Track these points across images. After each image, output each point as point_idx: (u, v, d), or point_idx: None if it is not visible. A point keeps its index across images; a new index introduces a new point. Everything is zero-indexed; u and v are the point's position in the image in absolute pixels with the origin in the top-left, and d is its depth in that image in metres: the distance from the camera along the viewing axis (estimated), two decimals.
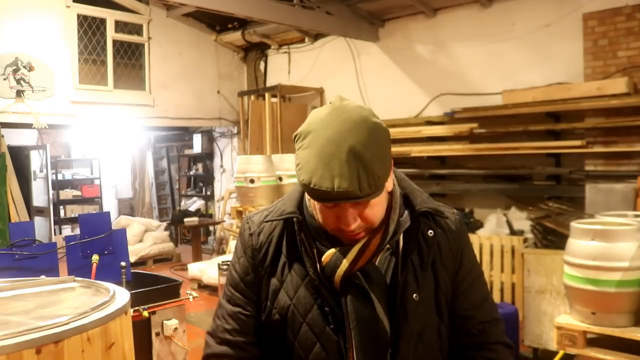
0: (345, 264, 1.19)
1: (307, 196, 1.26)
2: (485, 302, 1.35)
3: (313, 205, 1.23)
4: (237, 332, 1.32)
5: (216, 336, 1.35)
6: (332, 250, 1.21)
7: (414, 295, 1.23)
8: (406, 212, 1.27)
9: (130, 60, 7.82)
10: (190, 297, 3.13)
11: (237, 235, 1.40)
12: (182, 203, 11.41)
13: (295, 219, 1.25)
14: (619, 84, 5.03)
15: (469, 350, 1.32)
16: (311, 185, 1.09)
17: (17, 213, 6.25)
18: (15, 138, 9.15)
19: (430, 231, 1.27)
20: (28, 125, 6.71)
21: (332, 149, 1.09)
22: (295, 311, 1.25)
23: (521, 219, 5.48)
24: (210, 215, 10.24)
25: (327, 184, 1.08)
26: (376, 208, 1.18)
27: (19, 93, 6.33)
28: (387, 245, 1.24)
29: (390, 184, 1.22)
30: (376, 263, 1.24)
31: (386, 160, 1.13)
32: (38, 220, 9.18)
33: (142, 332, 2.86)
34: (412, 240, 1.25)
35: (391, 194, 1.25)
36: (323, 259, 1.22)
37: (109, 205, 11.41)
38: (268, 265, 1.30)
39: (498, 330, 1.34)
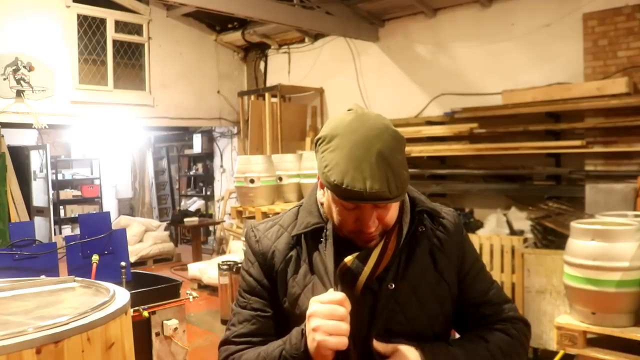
0: (366, 271, 1.24)
1: (320, 201, 1.32)
2: (492, 287, 1.40)
3: (328, 208, 1.27)
4: (256, 334, 1.32)
5: (232, 341, 1.34)
6: (350, 257, 1.25)
7: (390, 285, 1.26)
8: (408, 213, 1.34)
9: (130, 60, 7.82)
10: (190, 297, 3.13)
11: (244, 242, 1.44)
12: (182, 203, 11.41)
13: (325, 230, 1.28)
14: (619, 84, 5.03)
15: (486, 326, 1.35)
16: (343, 186, 1.13)
17: (17, 213, 6.25)
18: (15, 138, 9.14)
19: (421, 227, 1.32)
20: (28, 125, 6.71)
21: (361, 153, 1.13)
22: None
23: (521, 219, 5.47)
24: (210, 215, 10.24)
25: (359, 185, 1.12)
26: (393, 211, 1.24)
27: (19, 93, 6.33)
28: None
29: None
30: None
31: (407, 165, 1.20)
32: (38, 220, 9.18)
33: (142, 332, 2.87)
34: (406, 237, 1.31)
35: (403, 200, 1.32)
36: (341, 265, 1.25)
37: (109, 205, 11.41)
38: (278, 271, 1.33)
39: (511, 308, 1.39)
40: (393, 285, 1.26)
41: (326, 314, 1.12)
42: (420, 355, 1.21)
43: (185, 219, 8.98)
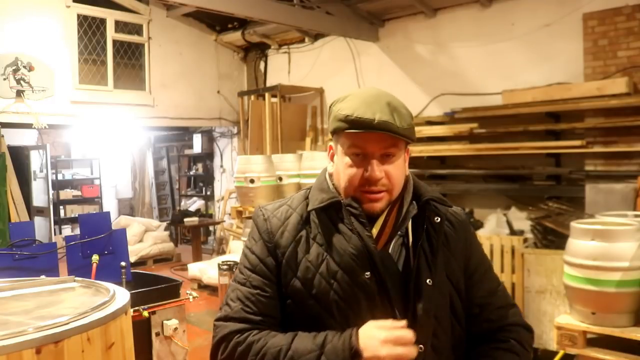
0: (374, 231, 1.29)
1: (329, 172, 1.37)
2: (499, 289, 1.42)
3: (337, 172, 1.33)
4: (256, 313, 1.30)
5: (232, 318, 1.31)
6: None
7: (428, 280, 1.28)
8: (414, 201, 1.36)
9: (130, 60, 7.82)
10: (190, 297, 3.13)
11: (252, 221, 1.43)
12: (182, 203, 11.41)
13: (343, 202, 1.30)
14: (619, 84, 5.03)
15: (490, 334, 1.36)
16: (354, 116, 1.22)
17: (17, 213, 6.24)
18: (15, 138, 9.14)
19: (436, 217, 1.34)
20: (28, 125, 6.71)
21: (372, 99, 1.26)
22: (335, 294, 1.26)
23: (521, 219, 5.47)
24: (210, 215, 10.24)
25: (369, 114, 1.22)
26: (398, 169, 1.31)
27: (19, 93, 6.33)
28: (399, 233, 1.32)
29: (406, 166, 1.37)
30: (389, 251, 1.31)
31: (413, 120, 1.31)
32: (38, 220, 9.18)
33: (142, 332, 2.87)
34: (419, 227, 1.33)
35: (407, 177, 1.38)
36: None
37: (109, 205, 11.41)
38: (287, 249, 1.32)
39: (515, 314, 1.41)
40: (431, 282, 1.28)
41: (394, 341, 1.15)
42: None
43: (185, 219, 8.98)
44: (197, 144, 10.35)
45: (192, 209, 10.54)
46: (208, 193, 10.62)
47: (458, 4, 6.44)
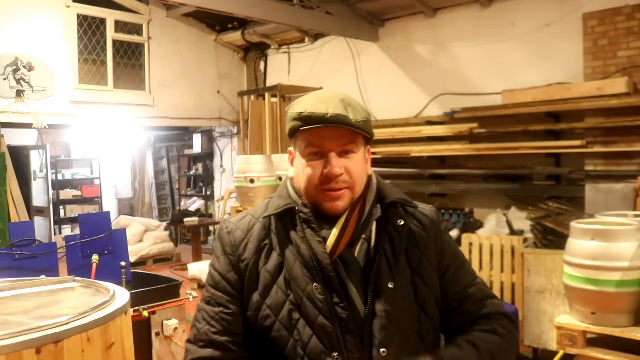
0: (335, 232, 1.26)
1: (290, 178, 1.35)
2: (475, 283, 1.38)
3: (297, 173, 1.30)
4: (221, 333, 1.27)
5: (199, 340, 1.29)
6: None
7: (390, 284, 1.25)
8: (378, 204, 1.33)
9: (130, 60, 7.82)
10: (190, 297, 3.13)
11: (217, 236, 1.41)
12: (182, 203, 11.41)
13: (297, 209, 1.29)
14: (619, 84, 5.03)
15: (470, 323, 1.33)
16: (307, 113, 1.21)
17: (17, 213, 6.25)
18: (15, 138, 9.14)
19: (400, 220, 1.31)
20: (28, 125, 6.71)
21: (325, 97, 1.25)
22: (297, 306, 1.24)
23: (521, 219, 5.47)
24: (210, 215, 10.24)
25: (322, 110, 1.21)
26: (357, 165, 1.27)
27: (19, 93, 6.33)
28: (364, 236, 1.30)
29: (369, 165, 1.33)
30: (355, 254, 1.29)
31: (369, 115, 1.29)
32: (38, 220, 9.18)
33: (142, 332, 2.87)
34: (382, 230, 1.30)
35: (370, 177, 1.34)
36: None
37: (109, 205, 11.40)
38: (250, 261, 1.29)
39: (496, 304, 1.37)
40: (393, 285, 1.26)
41: None
42: None
43: (185, 219, 8.97)
44: (197, 144, 10.35)
45: (192, 209, 10.54)
46: (208, 193, 10.62)
47: (458, 4, 6.44)
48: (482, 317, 1.33)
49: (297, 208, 1.28)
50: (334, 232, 1.26)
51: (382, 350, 1.21)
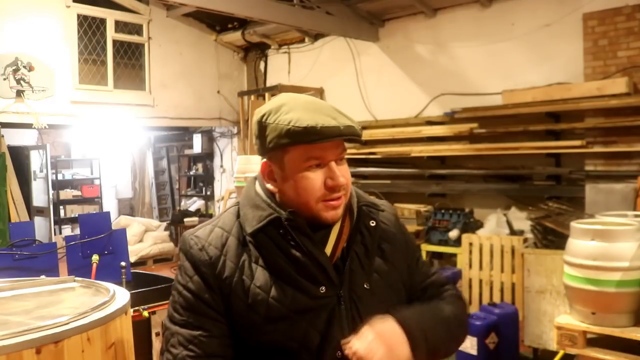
0: (332, 238, 1.26)
1: (270, 191, 1.28)
2: (434, 271, 1.48)
3: (292, 186, 1.22)
4: (201, 356, 1.19)
5: None
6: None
7: (365, 284, 1.27)
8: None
9: (130, 60, 7.82)
10: None
11: (182, 252, 1.28)
12: (182, 203, 11.41)
13: (285, 218, 1.22)
14: (619, 84, 5.03)
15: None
16: (319, 126, 1.14)
17: (17, 213, 6.24)
18: (15, 138, 9.14)
19: (371, 221, 1.32)
20: (28, 125, 6.71)
21: (317, 106, 1.20)
22: (294, 314, 1.21)
23: (521, 219, 5.47)
24: (210, 215, 10.23)
25: (333, 122, 1.16)
26: (348, 170, 1.26)
27: (19, 93, 6.33)
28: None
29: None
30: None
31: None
32: (38, 220, 9.17)
33: (142, 332, 2.86)
34: (354, 231, 1.30)
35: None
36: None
37: (109, 205, 11.40)
38: (232, 279, 1.22)
39: (452, 288, 1.47)
40: (368, 285, 1.27)
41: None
42: (392, 318, 1.22)
43: (185, 219, 8.98)
44: (197, 144, 10.35)
45: (192, 209, 10.55)
46: (208, 193, 10.62)
47: (458, 4, 6.44)
48: (442, 299, 1.42)
49: (282, 217, 1.22)
50: (331, 238, 1.26)
51: None
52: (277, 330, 1.21)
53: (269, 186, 1.28)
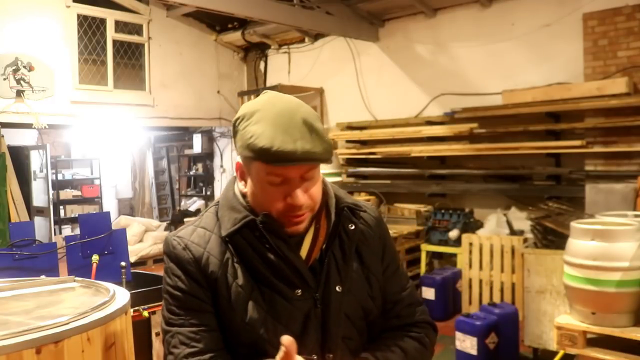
0: (307, 241, 1.25)
1: (242, 192, 1.27)
2: (409, 285, 1.42)
3: (253, 193, 1.22)
4: (204, 351, 1.20)
5: None
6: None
7: (337, 287, 1.26)
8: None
9: (130, 60, 7.82)
10: None
11: (166, 254, 1.28)
12: (182, 203, 11.41)
13: (260, 221, 1.21)
14: (619, 84, 5.03)
15: (400, 328, 1.37)
16: (274, 149, 1.11)
17: (17, 213, 6.24)
18: (15, 138, 9.14)
19: (350, 225, 1.30)
20: (28, 125, 6.71)
21: (286, 120, 1.14)
22: (270, 317, 1.22)
23: (521, 219, 5.47)
24: None
25: (290, 146, 1.11)
26: (318, 186, 1.23)
27: (19, 93, 6.33)
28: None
29: (320, 175, 1.28)
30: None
31: (329, 138, 1.23)
32: (38, 220, 9.17)
33: (142, 332, 2.86)
34: (333, 234, 1.29)
35: (324, 183, 1.30)
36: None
37: (109, 205, 11.40)
38: (217, 275, 1.22)
39: (424, 311, 1.42)
40: (341, 288, 1.26)
41: None
42: None
43: (186, 219, 8.96)
44: (197, 144, 10.35)
45: (192, 209, 10.54)
46: (208, 193, 10.62)
47: (458, 4, 6.44)
48: (413, 324, 1.37)
49: (257, 220, 1.21)
50: (306, 240, 1.25)
51: (329, 355, 1.24)
52: (254, 331, 1.21)
53: (241, 187, 1.28)
